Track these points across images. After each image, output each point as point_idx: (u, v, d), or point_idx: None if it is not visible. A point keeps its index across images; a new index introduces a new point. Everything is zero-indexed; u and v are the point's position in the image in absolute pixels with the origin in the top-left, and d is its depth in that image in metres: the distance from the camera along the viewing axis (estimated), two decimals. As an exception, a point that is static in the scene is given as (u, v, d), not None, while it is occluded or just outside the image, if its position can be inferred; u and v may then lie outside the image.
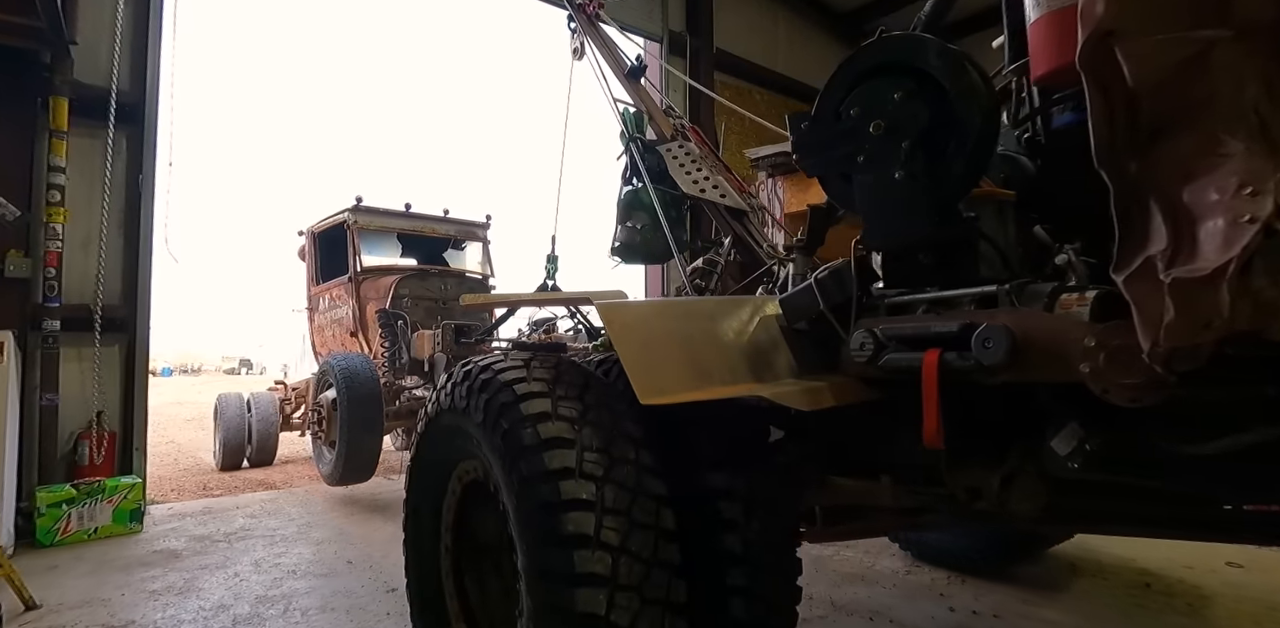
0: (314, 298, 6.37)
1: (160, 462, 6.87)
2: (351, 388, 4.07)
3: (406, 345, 4.84)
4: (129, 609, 2.57)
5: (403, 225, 5.95)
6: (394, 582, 2.85)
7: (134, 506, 3.68)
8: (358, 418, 4.02)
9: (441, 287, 5.80)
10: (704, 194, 3.36)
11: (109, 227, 4.19)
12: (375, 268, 5.70)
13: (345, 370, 4.15)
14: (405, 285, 5.49)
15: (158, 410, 12.63)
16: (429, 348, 4.58)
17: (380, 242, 5.91)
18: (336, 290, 5.90)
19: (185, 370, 41.05)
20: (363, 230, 5.69)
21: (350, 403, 4.03)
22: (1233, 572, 2.90)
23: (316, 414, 4.47)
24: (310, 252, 6.29)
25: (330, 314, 6.06)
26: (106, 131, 4.17)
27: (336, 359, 4.30)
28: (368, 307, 5.49)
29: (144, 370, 4.31)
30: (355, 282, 5.60)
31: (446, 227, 6.30)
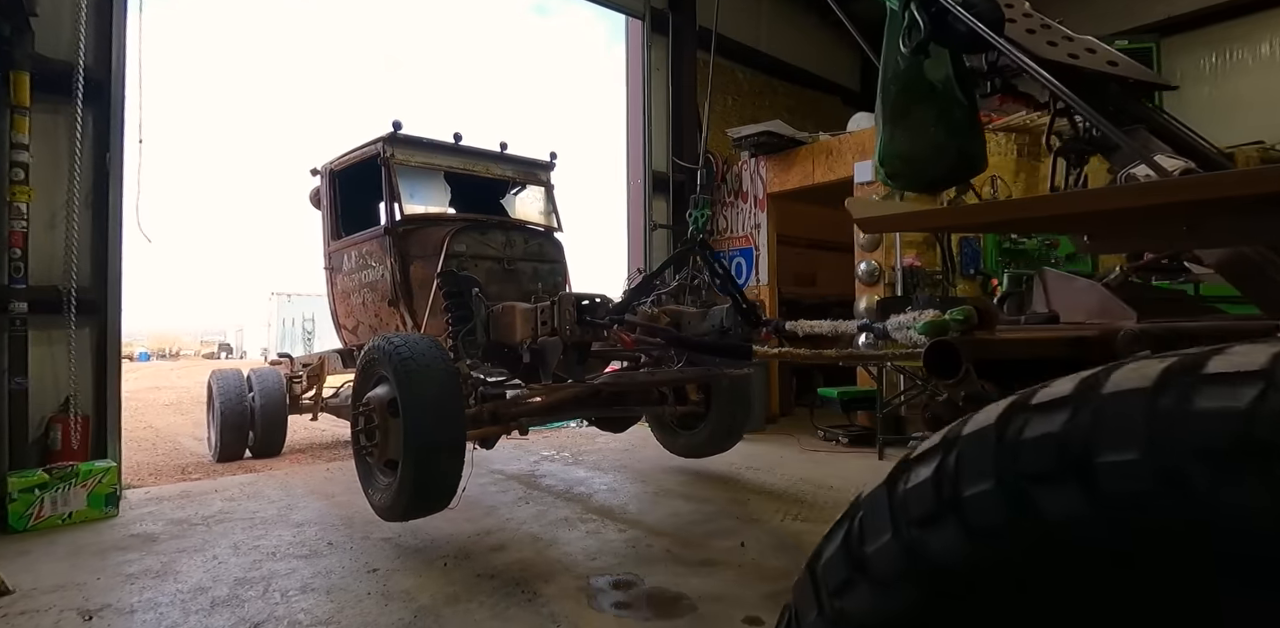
0: (334, 256, 5.04)
1: (138, 447, 6.78)
2: (418, 384, 2.84)
3: (486, 324, 3.61)
4: (105, 593, 2.55)
5: (452, 162, 4.71)
6: (375, 562, 2.85)
7: (109, 490, 3.64)
8: (431, 428, 2.79)
9: (506, 242, 4.49)
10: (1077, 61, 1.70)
11: (77, 206, 4.07)
12: (420, 217, 4.45)
13: (407, 359, 2.92)
14: (462, 240, 4.22)
15: (136, 395, 12.50)
16: (525, 328, 3.42)
17: (423, 183, 4.64)
18: (367, 246, 4.61)
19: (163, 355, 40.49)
20: (402, 167, 4.42)
21: (419, 407, 2.81)
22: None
23: (365, 421, 3.13)
24: (328, 196, 5.01)
25: (359, 277, 4.73)
26: (72, 107, 4.04)
27: (391, 342, 3.03)
28: (411, 267, 4.30)
29: (116, 353, 4.23)
30: (393, 234, 4.33)
31: (504, 166, 5.03)
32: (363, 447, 3.18)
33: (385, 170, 4.37)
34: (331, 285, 5.13)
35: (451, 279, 3.76)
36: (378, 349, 3.08)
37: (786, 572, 2.67)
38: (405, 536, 3.23)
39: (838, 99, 10.11)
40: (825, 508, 3.63)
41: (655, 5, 7.43)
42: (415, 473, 2.78)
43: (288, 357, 6.61)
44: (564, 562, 2.83)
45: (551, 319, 3.21)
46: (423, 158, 4.57)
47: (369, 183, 4.65)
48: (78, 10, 4.08)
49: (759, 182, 7.08)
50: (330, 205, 5.03)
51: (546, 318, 3.26)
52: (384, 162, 4.38)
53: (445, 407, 2.85)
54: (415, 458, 2.77)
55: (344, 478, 4.62)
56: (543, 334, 3.28)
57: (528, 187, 5.21)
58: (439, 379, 2.89)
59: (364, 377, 3.31)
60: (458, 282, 3.73)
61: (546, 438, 6.16)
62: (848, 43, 10.53)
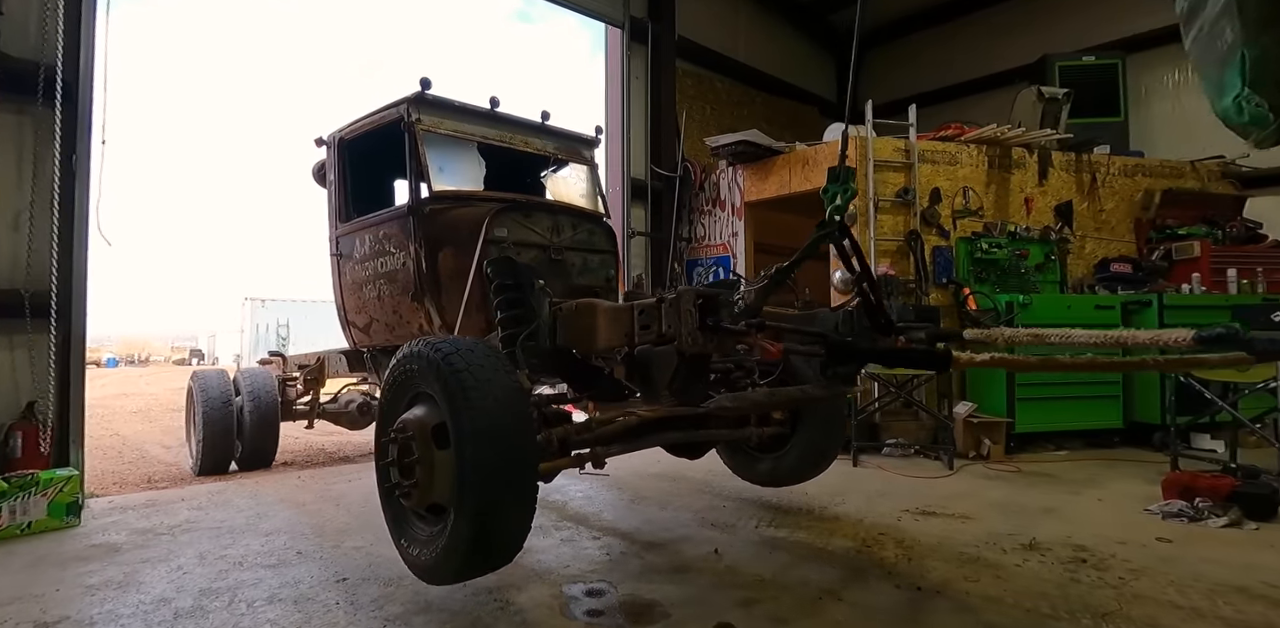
0: (342, 240, 4.29)
1: (103, 455, 6.62)
2: (478, 407, 2.10)
3: (551, 326, 2.89)
4: (64, 605, 2.48)
5: (487, 132, 4.05)
6: (345, 572, 2.81)
7: (71, 499, 3.55)
8: (496, 466, 2.08)
9: (553, 227, 3.83)
10: None
11: (40, 208, 3.99)
12: (452, 194, 3.77)
13: (461, 372, 2.16)
14: (503, 223, 3.58)
15: (102, 402, 12.22)
16: (612, 333, 2.66)
17: (454, 155, 4.05)
18: (385, 229, 3.92)
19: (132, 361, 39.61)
20: (429, 135, 3.75)
21: (480, 437, 2.08)
22: (1162, 546, 3.04)
23: (399, 453, 2.40)
24: (336, 171, 4.30)
25: (373, 265, 4.02)
26: (37, 107, 3.96)
27: (438, 349, 2.28)
28: (440, 255, 3.63)
29: (80, 358, 4.14)
30: (418, 215, 3.64)
31: (544, 139, 4.38)
32: (395, 485, 2.45)
33: (409, 138, 3.67)
34: (339, 275, 4.34)
35: (507, 268, 3.03)
36: (418, 358, 2.35)
37: (760, 578, 2.68)
38: (377, 545, 3.19)
39: (814, 109, 10.25)
40: (800, 515, 3.65)
41: (635, 14, 7.49)
42: (473, 525, 2.09)
43: (280, 355, 6.03)
44: (537, 570, 2.82)
45: (657, 321, 2.49)
46: (454, 125, 3.87)
47: (386, 155, 4.06)
48: (45, 7, 4.01)
49: (736, 190, 7.14)
50: (339, 181, 4.29)
51: (649, 320, 2.53)
52: (408, 128, 3.69)
53: (515, 437, 2.13)
54: (475, 505, 2.07)
55: (316, 486, 4.55)
56: (643, 340, 2.57)
57: (569, 165, 4.57)
58: (506, 400, 2.15)
59: (396, 393, 2.54)
60: (515, 271, 3.01)
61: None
62: (824, 54, 10.70)
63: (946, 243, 5.95)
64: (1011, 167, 6.26)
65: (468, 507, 2.09)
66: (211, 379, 5.30)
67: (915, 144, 5.99)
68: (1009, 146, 6.25)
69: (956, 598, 2.47)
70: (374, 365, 4.53)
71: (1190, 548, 3.02)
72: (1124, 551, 2.97)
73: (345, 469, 5.33)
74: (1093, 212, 6.45)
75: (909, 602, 2.45)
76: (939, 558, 2.90)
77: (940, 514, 3.61)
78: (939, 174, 6.05)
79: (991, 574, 2.71)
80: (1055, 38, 8.44)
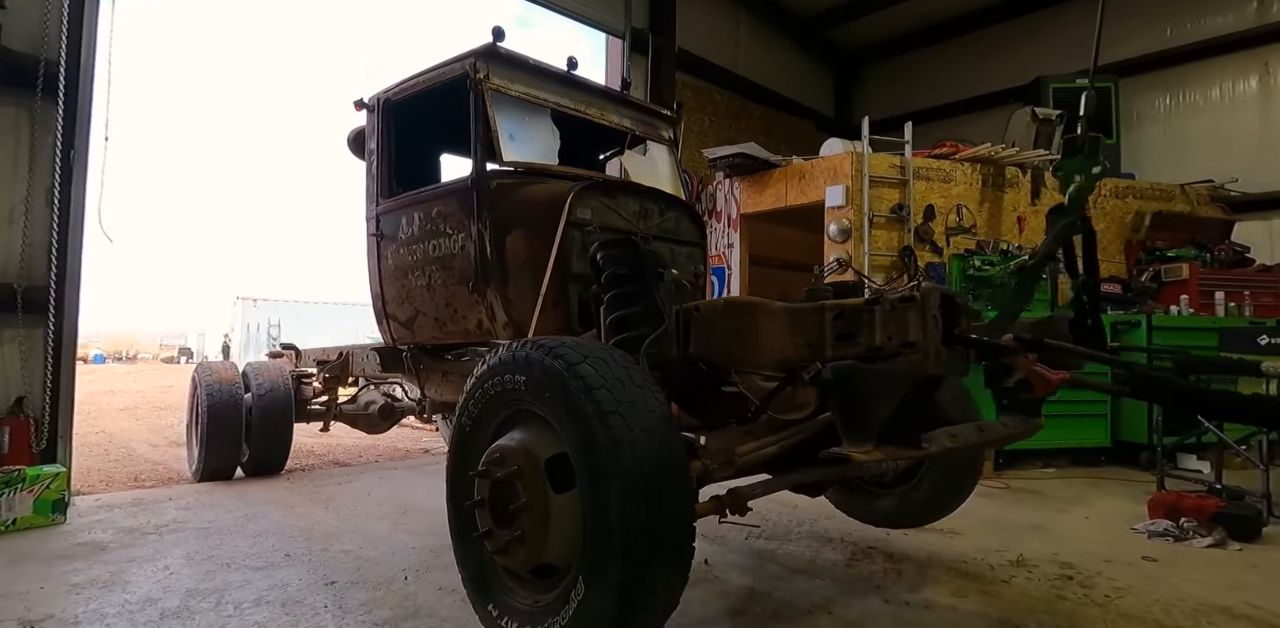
0: (384, 219, 3.72)
1: (90, 453, 6.55)
2: (623, 439, 1.63)
3: (684, 330, 2.31)
4: (48, 603, 2.46)
5: (562, 99, 3.55)
6: (333, 575, 2.79)
7: (57, 496, 3.52)
8: (649, 520, 1.61)
9: (640, 212, 3.35)
10: None
11: (37, 202, 3.98)
12: (526, 166, 3.29)
13: (597, 389, 1.70)
14: (586, 203, 3.10)
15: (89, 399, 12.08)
16: (789, 342, 2.07)
17: (525, 122, 3.44)
18: (439, 205, 3.40)
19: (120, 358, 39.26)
20: (498, 96, 3.24)
21: (626, 479, 1.60)
22: (1147, 565, 3.07)
23: (489, 491, 1.96)
24: (380, 138, 3.73)
25: (422, 249, 3.49)
26: (36, 102, 3.96)
27: (560, 356, 1.80)
28: (509, 238, 3.12)
29: (71, 355, 4.12)
30: (483, 190, 3.16)
31: (623, 112, 3.88)
32: (485, 536, 1.96)
33: (476, 98, 3.18)
34: (378, 259, 3.78)
35: (625, 253, 2.44)
36: (527, 366, 1.86)
37: (751, 589, 2.69)
38: (366, 549, 3.18)
39: (812, 124, 10.35)
40: (789, 526, 3.66)
41: (636, 25, 7.56)
42: (617, 600, 1.59)
43: (293, 348, 5.50)
44: (527, 577, 2.81)
45: (868, 330, 1.90)
46: (525, 86, 3.40)
47: (439, 122, 3.69)
48: (47, 2, 4.02)
49: (732, 202, 7.19)
50: (382, 150, 3.73)
51: (853, 327, 1.93)
52: (475, 86, 3.19)
53: (671, 481, 1.64)
54: (621, 575, 1.58)
55: (305, 488, 4.52)
56: (840, 355, 1.96)
57: (648, 144, 4.09)
58: (660, 430, 1.66)
59: (485, 410, 2.08)
60: (636, 258, 2.41)
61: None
62: (823, 69, 10.82)
63: (940, 260, 6.01)
64: (1005, 185, 6.34)
65: (610, 576, 1.59)
66: (218, 374, 4.72)
67: (910, 161, 6.06)
68: (1003, 166, 6.33)
69: (944, 614, 2.49)
70: (414, 366, 3.90)
71: (1175, 567, 3.04)
72: (1110, 569, 3.00)
73: (335, 472, 5.31)
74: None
75: (897, 616, 2.46)
76: (927, 573, 2.92)
77: (929, 530, 3.62)
78: (933, 191, 6.12)
79: (979, 590, 2.72)
80: (1049, 59, 8.58)
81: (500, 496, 1.91)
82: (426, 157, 4.34)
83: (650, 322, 2.31)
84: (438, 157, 4.50)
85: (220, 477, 4.70)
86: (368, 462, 6.05)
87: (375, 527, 3.57)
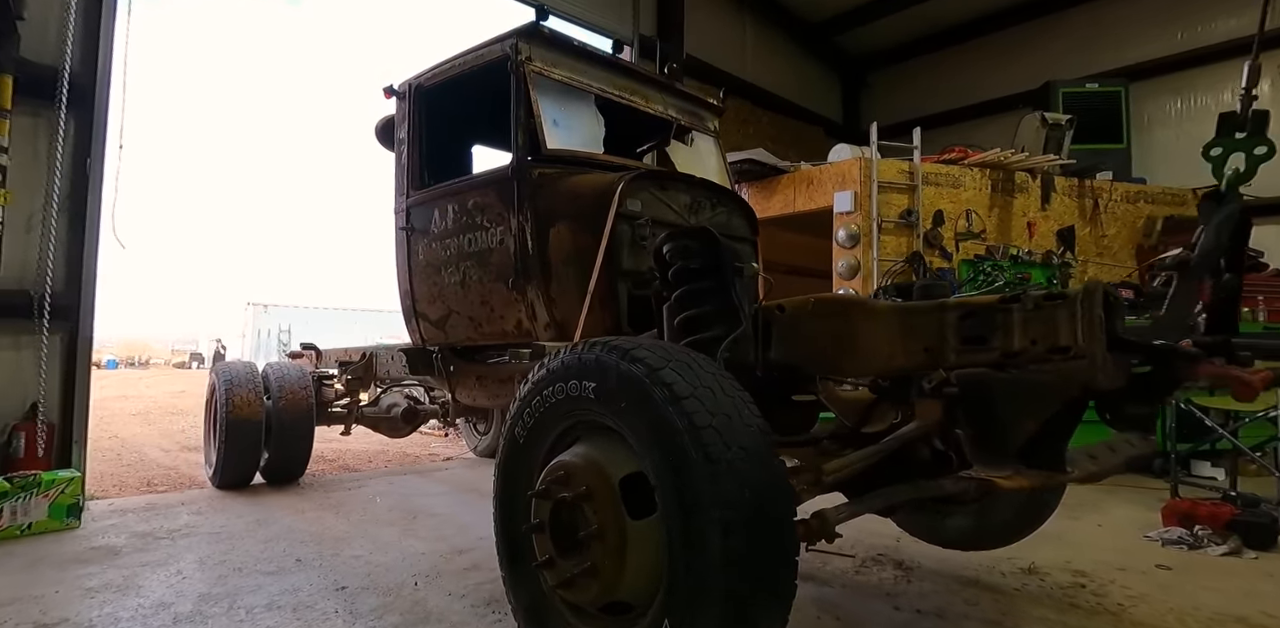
0: (415, 211, 3.56)
1: (103, 457, 6.61)
2: (720, 462, 1.39)
3: (763, 330, 2.06)
4: (63, 607, 2.49)
5: (606, 85, 3.39)
6: (344, 580, 2.81)
7: (72, 501, 3.55)
8: (749, 557, 1.37)
9: (691, 206, 3.18)
10: None
11: (54, 210, 4.03)
12: (570, 155, 3.12)
13: (686, 400, 1.47)
14: (636, 194, 2.91)
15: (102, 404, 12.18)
16: (897, 348, 1.83)
17: (569, 108, 3.25)
18: (476, 197, 3.23)
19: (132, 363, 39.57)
20: (541, 80, 3.09)
21: (724, 508, 1.36)
22: (1161, 574, 3.04)
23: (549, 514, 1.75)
24: (412, 125, 3.56)
25: (456, 244, 3.32)
26: (54, 111, 4.03)
27: (638, 360, 1.57)
28: (552, 232, 2.94)
29: (87, 360, 4.17)
30: (524, 180, 2.99)
31: (669, 100, 3.73)
32: (545, 565, 1.73)
33: (517, 82, 3.02)
34: (408, 254, 3.60)
35: (700, 244, 2.10)
36: (596, 370, 1.64)
37: (758, 596, 2.68)
38: (375, 553, 3.19)
39: (820, 130, 10.36)
40: (798, 533, 3.64)
41: (644, 32, 7.60)
42: None
43: (313, 348, 5.33)
44: (536, 582, 2.82)
45: (1003, 333, 1.64)
46: (569, 70, 3.22)
47: (473, 109, 3.54)
48: (65, 14, 4.09)
49: (741, 207, 7.18)
50: (413, 139, 3.55)
51: (985, 329, 1.67)
52: (516, 68, 3.02)
53: (775, 509, 1.43)
54: (721, 615, 1.37)
55: (315, 493, 4.55)
56: (967, 362, 1.73)
57: (694, 135, 3.92)
58: (758, 449, 1.45)
59: (542, 421, 1.85)
60: (712, 250, 2.09)
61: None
62: (831, 76, 10.83)
63: (949, 265, 5.99)
64: (1015, 191, 6.32)
65: (708, 620, 1.38)
66: (239, 375, 4.50)
67: (919, 166, 6.06)
68: (1012, 171, 6.32)
69: (955, 621, 2.47)
70: (444, 368, 3.70)
71: (1189, 576, 3.01)
72: (1123, 577, 2.97)
73: (345, 477, 5.34)
74: (1095, 237, 6.50)
75: (907, 624, 2.45)
76: (938, 580, 2.90)
77: (939, 536, 3.60)
78: (942, 196, 6.11)
79: (991, 598, 2.70)
80: (1059, 64, 8.56)
81: (564, 519, 1.69)
82: (459, 147, 4.17)
83: (723, 322, 2.05)
84: (470, 148, 4.34)
85: (240, 483, 4.54)
86: (377, 467, 6.08)
87: (385, 532, 3.58)
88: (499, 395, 3.43)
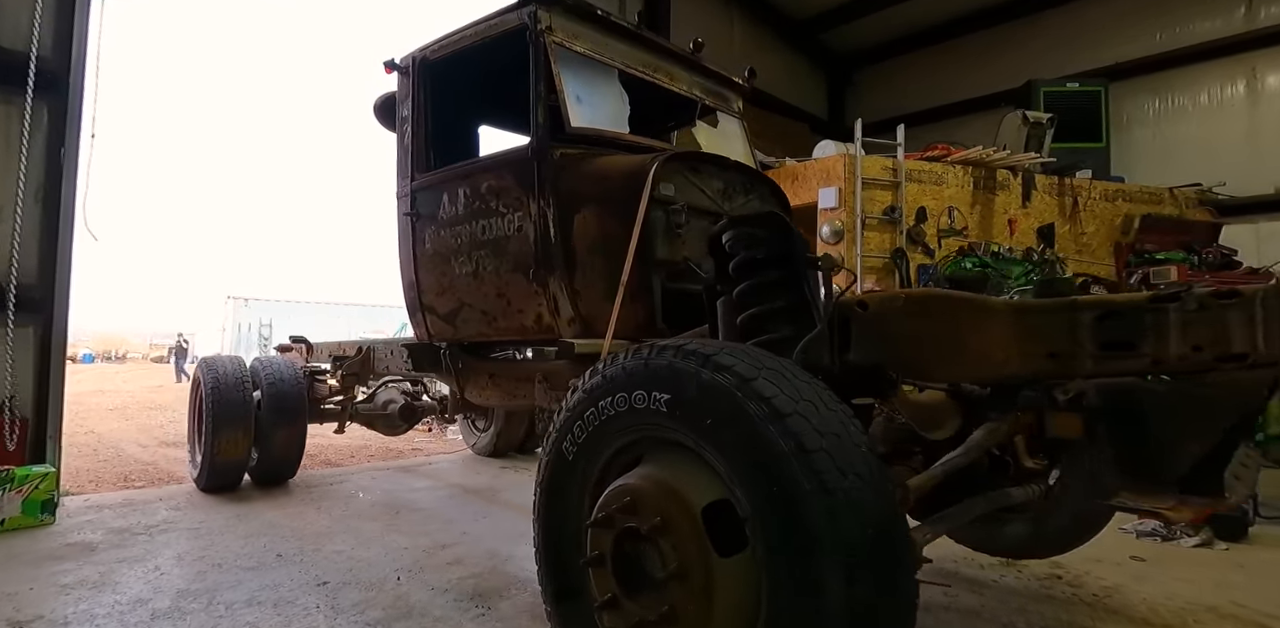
0: (420, 196, 3.31)
1: (79, 453, 6.51)
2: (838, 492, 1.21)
3: (840, 329, 1.77)
4: (37, 604, 2.45)
5: (630, 60, 3.15)
6: (325, 575, 2.79)
7: (46, 496, 3.49)
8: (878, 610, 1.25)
9: (723, 191, 2.93)
10: None
11: (25, 200, 3.95)
12: (593, 134, 2.86)
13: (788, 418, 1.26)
14: (670, 177, 2.66)
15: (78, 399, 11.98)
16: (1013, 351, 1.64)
17: (591, 84, 2.97)
18: (492, 179, 2.97)
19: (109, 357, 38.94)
20: (562, 52, 2.82)
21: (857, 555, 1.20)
22: (1135, 565, 3.10)
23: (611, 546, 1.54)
24: (416, 103, 3.30)
25: (468, 231, 3.05)
26: (24, 99, 3.93)
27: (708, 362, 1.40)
28: (577, 218, 2.70)
29: (61, 354, 4.08)
30: (546, 161, 2.76)
31: (693, 77, 3.52)
32: (607, 606, 1.51)
33: (537, 54, 2.76)
34: (413, 242, 3.33)
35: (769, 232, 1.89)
36: (673, 378, 1.43)
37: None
38: (358, 548, 3.17)
39: (805, 126, 10.37)
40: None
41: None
42: None
43: (303, 341, 5.04)
44: (521, 577, 2.81)
45: (1158, 337, 1.43)
46: (592, 43, 2.96)
47: (483, 86, 3.32)
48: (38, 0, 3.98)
49: (727, 202, 7.19)
50: (419, 117, 3.28)
51: (1128, 331, 1.47)
52: (536, 39, 2.78)
53: (898, 547, 1.29)
54: None
55: (298, 489, 4.50)
56: (1109, 370, 1.53)
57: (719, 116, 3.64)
58: (873, 476, 1.27)
59: (599, 434, 1.62)
60: (783, 239, 1.89)
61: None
62: (818, 72, 10.86)
63: (932, 261, 6.04)
64: (996, 188, 6.38)
65: None
66: (225, 370, 4.22)
67: (903, 163, 6.09)
68: (994, 169, 6.37)
69: (936, 613, 2.50)
70: (453, 366, 3.45)
71: (1163, 567, 3.07)
72: (1098, 568, 3.02)
73: (327, 473, 5.30)
74: (1074, 234, 6.58)
75: (888, 615, 2.47)
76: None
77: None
78: (925, 193, 6.15)
79: (969, 589, 2.74)
80: (1040, 63, 8.63)
81: (630, 553, 1.47)
82: (465, 128, 3.91)
83: (793, 321, 1.80)
84: (476, 129, 4.07)
85: (226, 484, 4.27)
86: (360, 462, 6.03)
87: (368, 527, 3.56)
88: (515, 395, 3.20)
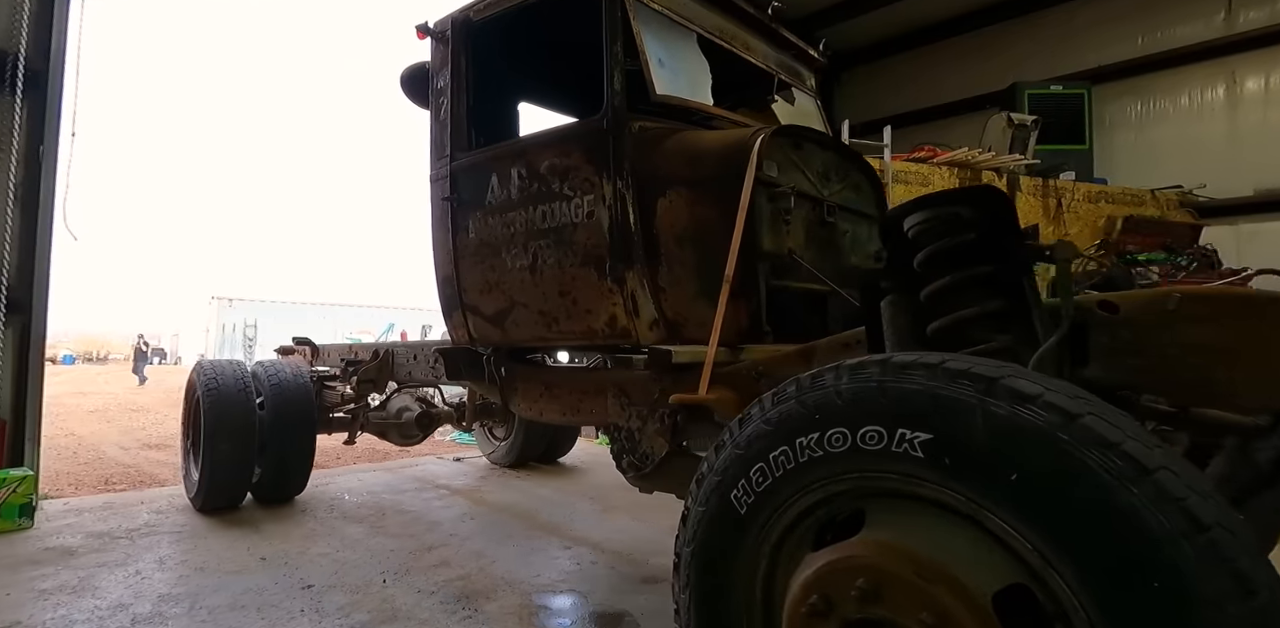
0: (461, 177, 2.86)
1: (58, 455, 6.42)
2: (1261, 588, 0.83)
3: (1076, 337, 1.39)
4: (14, 609, 2.41)
5: (706, 22, 2.72)
6: (310, 578, 2.76)
7: (24, 500, 3.44)
8: None
9: (823, 174, 2.53)
10: None
11: (5, 199, 3.89)
12: (679, 104, 2.45)
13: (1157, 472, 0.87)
14: (773, 155, 2.27)
15: (57, 401, 11.82)
16: None
17: (672, 49, 2.54)
18: (554, 157, 2.52)
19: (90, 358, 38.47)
20: (641, 8, 2.41)
21: None
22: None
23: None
24: (454, 73, 2.85)
25: (523, 218, 2.60)
26: (11, 97, 3.87)
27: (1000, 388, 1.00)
28: (662, 203, 2.32)
29: (40, 355, 4.02)
30: (622, 135, 2.35)
31: (769, 47, 3.11)
32: None
33: (612, 8, 2.36)
34: (453, 231, 2.87)
35: (976, 211, 1.51)
36: (937, 410, 1.05)
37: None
38: (343, 550, 3.14)
39: (793, 126, 10.41)
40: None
41: (620, 27, 7.54)
42: None
43: (308, 344, 4.60)
44: (507, 579, 2.81)
45: None
46: (670, 1, 2.56)
47: (530, 55, 2.99)
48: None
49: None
50: (458, 88, 2.84)
51: None
52: None
53: None
54: None
55: (280, 491, 4.46)
56: None
57: (795, 91, 3.31)
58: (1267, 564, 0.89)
59: (794, 480, 1.24)
60: (1003, 221, 1.52)
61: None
62: (804, 73, 10.88)
63: (918, 261, 6.08)
64: (982, 189, 6.43)
65: None
66: (225, 375, 3.80)
67: (889, 164, 6.13)
68: (979, 170, 6.42)
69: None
70: (497, 374, 2.99)
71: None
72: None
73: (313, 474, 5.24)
74: (1058, 235, 6.65)
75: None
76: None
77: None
78: (912, 194, 6.18)
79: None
80: (1025, 66, 8.71)
81: None
82: (506, 104, 3.52)
83: (1008, 327, 1.45)
84: (516, 106, 3.68)
85: (228, 502, 3.83)
86: (346, 464, 5.99)
87: (353, 529, 3.53)
88: (579, 410, 2.71)
